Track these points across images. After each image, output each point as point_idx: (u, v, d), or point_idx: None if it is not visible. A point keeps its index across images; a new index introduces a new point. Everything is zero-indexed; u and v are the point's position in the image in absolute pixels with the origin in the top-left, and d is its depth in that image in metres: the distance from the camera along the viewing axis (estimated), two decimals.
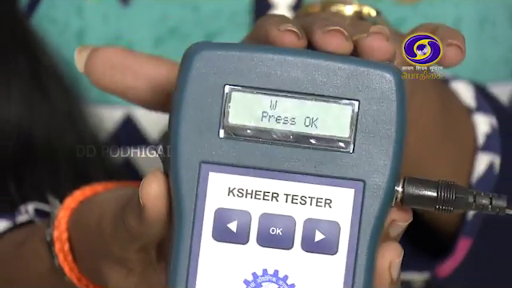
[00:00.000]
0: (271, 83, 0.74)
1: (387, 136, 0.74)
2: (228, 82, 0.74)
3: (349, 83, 0.75)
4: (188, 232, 0.73)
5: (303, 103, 0.75)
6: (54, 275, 0.95)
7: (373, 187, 0.73)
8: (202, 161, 0.73)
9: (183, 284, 0.74)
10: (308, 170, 0.74)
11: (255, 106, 0.74)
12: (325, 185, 0.74)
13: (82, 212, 0.90)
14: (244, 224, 0.72)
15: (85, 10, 1.21)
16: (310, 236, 0.72)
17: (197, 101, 0.76)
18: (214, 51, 0.76)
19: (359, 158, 0.74)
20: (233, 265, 0.75)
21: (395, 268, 0.72)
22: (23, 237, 1.03)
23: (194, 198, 0.73)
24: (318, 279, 0.74)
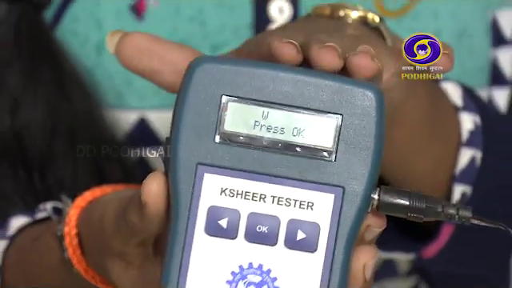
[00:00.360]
0: (264, 96, 0.79)
1: (366, 148, 0.79)
2: (225, 92, 0.79)
3: (334, 99, 0.80)
4: (183, 226, 0.77)
5: (292, 115, 0.79)
6: (63, 267, 1.00)
7: (351, 194, 0.78)
8: (199, 162, 0.77)
9: (176, 274, 0.79)
10: (293, 175, 0.79)
11: (248, 116, 0.78)
12: (308, 189, 0.78)
13: (90, 211, 0.96)
14: (233, 221, 0.76)
15: (103, 24, 1.24)
16: (293, 235, 0.76)
17: (196, 108, 0.81)
18: (214, 64, 0.81)
19: (340, 166, 0.78)
20: (222, 257, 0.79)
21: (369, 269, 0.77)
22: (39, 232, 1.07)
23: (189, 195, 0.78)
24: (298, 274, 0.79)
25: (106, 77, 1.24)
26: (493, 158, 1.22)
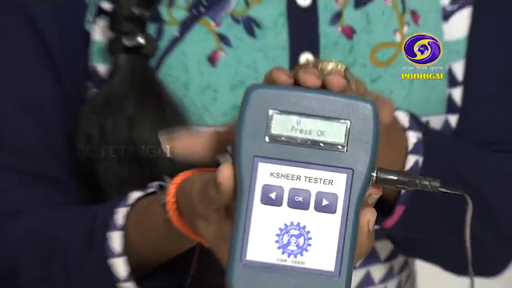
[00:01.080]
0: (297, 109, 0.92)
1: (367, 142, 0.92)
2: (271, 107, 0.92)
3: (344, 109, 0.93)
4: (245, 198, 0.90)
5: (316, 121, 0.93)
6: (166, 225, 1.13)
7: (358, 173, 0.91)
8: (255, 155, 0.90)
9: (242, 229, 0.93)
10: (318, 161, 0.92)
11: (287, 123, 0.91)
12: (329, 171, 0.92)
13: (182, 186, 1.08)
14: (279, 194, 0.89)
15: (189, 69, 1.42)
16: (319, 202, 0.90)
17: (252, 119, 0.93)
18: (263, 89, 0.94)
19: (350, 155, 0.91)
20: (272, 219, 0.92)
21: (371, 224, 0.90)
22: (149, 201, 1.20)
23: (249, 178, 0.91)
24: (323, 228, 0.94)
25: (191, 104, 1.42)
26: (431, 161, 1.34)
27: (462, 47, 1.51)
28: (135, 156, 1.40)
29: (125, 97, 1.39)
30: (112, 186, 1.37)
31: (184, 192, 1.09)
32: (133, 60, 1.40)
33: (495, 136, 1.51)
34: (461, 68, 1.50)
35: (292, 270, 0.97)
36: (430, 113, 1.47)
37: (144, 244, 1.27)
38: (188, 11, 1.39)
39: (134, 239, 1.26)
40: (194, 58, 1.41)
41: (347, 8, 1.41)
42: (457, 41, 1.51)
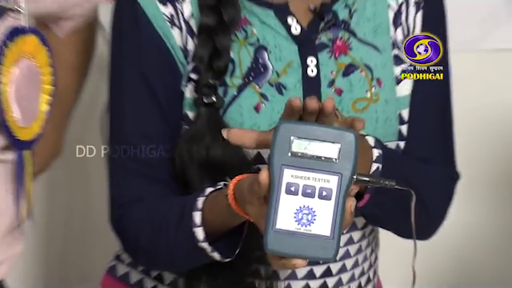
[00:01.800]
0: (308, 136, 1.02)
1: (351, 157, 1.02)
2: (292, 135, 1.02)
3: (337, 137, 1.03)
4: (275, 190, 1.01)
5: (320, 144, 1.02)
6: (227, 208, 1.18)
7: (345, 176, 1.01)
8: (282, 164, 1.01)
9: (273, 210, 1.03)
10: (321, 168, 1.01)
11: (302, 144, 1.01)
12: (327, 174, 1.01)
13: (237, 184, 1.15)
14: (296, 188, 1.00)
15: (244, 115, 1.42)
16: (321, 193, 1.00)
17: (280, 141, 1.03)
18: (287, 123, 1.04)
19: (340, 165, 1.01)
20: (292, 203, 1.01)
21: (352, 207, 1.04)
22: (217, 193, 1.25)
23: (278, 178, 1.02)
24: (323, 209, 1.02)
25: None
26: (387, 168, 1.34)
27: (407, 100, 1.47)
28: (209, 168, 1.36)
29: (204, 133, 1.37)
30: (195, 185, 1.35)
31: (238, 187, 1.16)
32: (209, 111, 1.38)
33: (425, 155, 1.49)
34: (406, 113, 1.49)
35: (304, 235, 1.04)
36: (387, 140, 1.42)
37: (214, 219, 1.25)
38: (242, 79, 1.36)
39: (208, 217, 1.26)
40: (245, 108, 1.39)
41: (338, 77, 1.40)
42: (404, 96, 1.47)
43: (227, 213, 1.18)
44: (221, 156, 1.31)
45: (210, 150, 1.30)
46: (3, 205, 1.32)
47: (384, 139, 1.35)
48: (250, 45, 1.33)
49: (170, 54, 1.33)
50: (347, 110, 1.35)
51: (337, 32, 1.34)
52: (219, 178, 1.28)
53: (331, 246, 1.01)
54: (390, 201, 1.27)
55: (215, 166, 1.31)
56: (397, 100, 1.41)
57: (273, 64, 1.33)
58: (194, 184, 1.31)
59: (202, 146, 1.30)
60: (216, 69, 1.31)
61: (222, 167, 1.31)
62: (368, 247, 1.47)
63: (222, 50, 1.30)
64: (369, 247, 1.47)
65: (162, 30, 1.32)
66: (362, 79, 1.37)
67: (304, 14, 1.33)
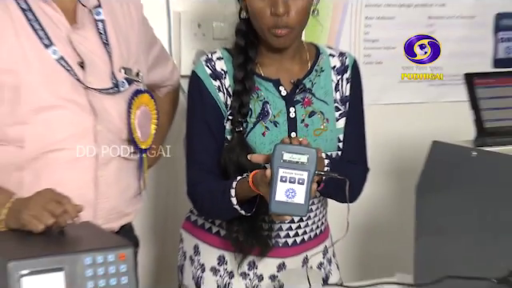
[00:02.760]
0: (291, 151, 1.13)
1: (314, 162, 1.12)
2: (283, 151, 1.12)
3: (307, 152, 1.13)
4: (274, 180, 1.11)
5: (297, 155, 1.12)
6: (248, 188, 1.27)
7: (311, 172, 1.13)
8: (278, 166, 1.12)
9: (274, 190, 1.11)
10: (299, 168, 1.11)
11: (289, 155, 1.12)
12: (302, 171, 1.11)
13: (254, 175, 1.25)
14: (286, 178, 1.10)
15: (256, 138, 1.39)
16: (299, 181, 1.12)
17: (276, 155, 1.13)
18: (280, 145, 1.15)
19: (309, 166, 1.11)
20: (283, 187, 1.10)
21: (314, 189, 1.17)
22: (243, 180, 1.31)
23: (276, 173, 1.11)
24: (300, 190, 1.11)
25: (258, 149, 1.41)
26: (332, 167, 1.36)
27: (342, 130, 1.50)
28: (238, 166, 1.39)
29: (236, 148, 1.40)
30: (231, 175, 1.38)
31: (254, 177, 1.29)
32: (238, 135, 1.42)
33: (351, 159, 1.52)
34: (341, 137, 1.49)
35: (289, 203, 1.13)
36: (332, 151, 1.48)
37: (241, 193, 1.34)
38: (255, 119, 1.43)
39: (238, 192, 1.34)
40: (257, 134, 1.44)
41: (306, 118, 1.46)
42: (340, 128, 1.50)
43: (248, 190, 1.32)
44: (244, 161, 1.36)
45: (239, 157, 1.39)
46: (132, 182, 1.44)
47: (330, 150, 1.48)
48: (260, 101, 1.42)
49: (218, 107, 1.42)
50: (311, 134, 1.46)
51: (305, 94, 1.45)
52: (243, 172, 1.38)
53: (304, 208, 1.17)
54: (333, 184, 1.34)
55: (241, 166, 1.39)
56: (336, 130, 1.49)
57: (271, 111, 1.43)
58: (230, 175, 1.40)
59: (235, 155, 1.40)
60: (242, 114, 1.41)
61: (245, 166, 1.38)
62: (322, 207, 1.55)
63: (245, 104, 1.41)
64: (322, 207, 1.56)
65: (214, 94, 1.42)
66: (319, 119, 1.47)
67: (288, 84, 1.45)
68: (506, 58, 1.94)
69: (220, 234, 1.48)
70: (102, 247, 1.00)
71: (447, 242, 1.30)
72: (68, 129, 1.30)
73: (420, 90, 2.03)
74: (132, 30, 1.44)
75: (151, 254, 1.78)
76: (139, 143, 1.39)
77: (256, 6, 1.35)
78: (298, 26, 1.38)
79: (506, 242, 1.15)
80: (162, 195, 1.78)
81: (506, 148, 1.22)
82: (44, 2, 1.28)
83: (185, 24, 1.78)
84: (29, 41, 1.27)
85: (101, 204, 1.34)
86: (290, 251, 1.49)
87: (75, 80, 1.29)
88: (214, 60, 1.43)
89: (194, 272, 1.50)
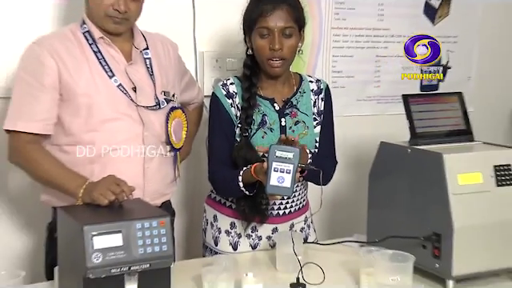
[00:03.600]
0: (282, 149, 1.11)
1: (296, 157, 1.11)
2: (276, 149, 1.10)
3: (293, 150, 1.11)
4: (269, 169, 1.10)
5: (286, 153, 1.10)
6: (250, 175, 1.25)
7: (295, 164, 1.10)
8: (272, 160, 1.11)
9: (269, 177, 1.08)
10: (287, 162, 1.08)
11: (280, 153, 1.11)
12: (289, 164, 1.09)
13: (255, 166, 1.23)
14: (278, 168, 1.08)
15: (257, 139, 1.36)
16: (287, 170, 1.09)
17: (272, 152, 1.11)
18: (275, 145, 1.13)
19: (294, 160, 1.09)
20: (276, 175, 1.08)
21: (298, 176, 1.13)
22: (248, 170, 1.27)
23: (271, 165, 1.10)
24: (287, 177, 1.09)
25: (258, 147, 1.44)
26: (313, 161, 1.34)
27: (318, 134, 1.47)
28: (244, 160, 1.35)
29: (243, 147, 1.37)
30: (239, 167, 1.34)
31: (255, 168, 1.27)
32: (245, 138, 1.38)
33: (325, 154, 1.47)
34: (317, 139, 1.46)
35: (280, 186, 1.10)
36: (310, 148, 1.44)
37: (245, 179, 1.31)
38: (257, 126, 1.39)
39: (243, 178, 1.31)
40: (258, 137, 1.40)
41: (292, 126, 1.42)
42: (317, 133, 1.47)
43: (250, 177, 1.31)
44: (249, 157, 1.34)
45: (245, 154, 1.36)
46: (169, 171, 1.43)
47: (309, 148, 1.43)
48: (260, 113, 1.39)
49: (231, 118, 1.40)
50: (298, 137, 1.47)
51: (292, 109, 1.43)
52: (248, 164, 1.33)
53: (290, 191, 1.15)
54: (312, 173, 1.31)
55: (247, 160, 1.36)
56: (314, 134, 1.47)
57: (268, 121, 1.40)
58: (239, 166, 1.36)
59: (242, 152, 1.38)
60: (247, 123, 1.39)
61: (249, 160, 1.34)
62: (303, 188, 1.51)
63: (250, 116, 1.39)
64: (304, 188, 1.51)
65: (227, 109, 1.39)
66: (301, 126, 1.44)
67: (280, 102, 1.43)
68: (429, 84, 1.97)
69: (232, 207, 1.45)
70: (148, 216, 1.00)
71: (390, 212, 1.28)
72: (124, 134, 1.29)
73: (371, 106, 2.04)
74: (170, 64, 1.43)
75: (183, 221, 1.76)
76: (174, 144, 1.38)
77: (259, 43, 1.33)
78: (288, 58, 1.36)
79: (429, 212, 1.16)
80: (190, 180, 1.75)
81: (430, 146, 1.22)
82: (108, 46, 1.29)
83: (206, 60, 1.75)
84: (98, 73, 1.27)
85: (147, 187, 1.33)
86: (281, 219, 1.45)
87: (130, 100, 1.28)
88: (228, 85, 1.41)
89: (213, 233, 1.47)
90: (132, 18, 1.26)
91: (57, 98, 1.23)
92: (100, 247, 0.91)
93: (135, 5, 1.23)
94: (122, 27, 1.25)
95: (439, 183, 1.12)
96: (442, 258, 1.11)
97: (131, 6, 1.22)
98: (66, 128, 1.26)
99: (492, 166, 1.15)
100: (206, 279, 1.08)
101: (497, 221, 1.13)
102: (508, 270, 1.17)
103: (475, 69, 2.05)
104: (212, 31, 1.74)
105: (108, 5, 1.20)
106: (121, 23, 1.23)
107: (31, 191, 1.40)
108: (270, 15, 1.29)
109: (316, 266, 1.14)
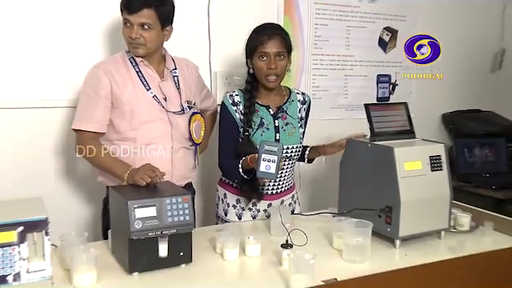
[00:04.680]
0: (269, 144, 1.08)
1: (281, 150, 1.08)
2: (265, 144, 1.07)
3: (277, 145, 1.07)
4: (260, 159, 1.07)
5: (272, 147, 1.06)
6: (248, 163, 1.21)
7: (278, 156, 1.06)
8: (262, 152, 1.07)
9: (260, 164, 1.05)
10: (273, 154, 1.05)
11: (269, 147, 1.08)
12: (274, 155, 1.05)
13: (251, 157, 1.19)
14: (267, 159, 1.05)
15: (257, 137, 1.32)
16: (272, 160, 1.05)
17: (262, 147, 1.07)
18: (265, 142, 1.09)
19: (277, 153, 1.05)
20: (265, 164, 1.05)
21: (281, 165, 1.20)
22: (245, 159, 1.24)
23: (261, 157, 1.07)
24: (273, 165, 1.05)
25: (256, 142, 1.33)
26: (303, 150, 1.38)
27: (302, 133, 1.44)
28: (245, 153, 1.30)
29: (245, 144, 1.32)
30: (241, 158, 1.30)
31: (250, 158, 1.22)
32: (246, 137, 1.35)
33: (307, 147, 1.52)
34: (302, 136, 1.43)
35: (267, 172, 1.08)
36: (296, 143, 1.39)
37: (244, 166, 1.27)
38: (256, 127, 1.35)
39: (243, 165, 1.27)
40: (258, 136, 1.36)
41: (283, 126, 1.37)
42: (302, 132, 1.44)
43: (248, 165, 1.27)
44: (250, 151, 1.28)
45: (247, 149, 1.32)
46: (191, 160, 1.40)
47: (296, 143, 1.38)
48: (258, 117, 1.36)
49: (236, 121, 1.36)
50: (287, 135, 1.37)
51: (283, 113, 1.40)
52: (247, 155, 1.29)
53: (274, 176, 1.11)
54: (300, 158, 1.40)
55: (247, 153, 1.31)
56: (299, 132, 1.42)
57: (265, 123, 1.37)
58: (240, 157, 1.31)
59: (244, 147, 1.34)
60: (248, 125, 1.35)
61: (250, 153, 1.29)
62: (291, 173, 1.44)
63: (250, 120, 1.36)
64: (291, 173, 1.44)
65: (233, 114, 1.36)
66: (290, 127, 1.40)
67: (274, 108, 1.40)
68: (383, 96, 2.01)
69: (237, 188, 1.44)
70: (175, 194, 1.00)
71: (355, 191, 1.29)
72: (158, 133, 1.29)
73: (341, 112, 2.04)
74: (192, 80, 1.42)
75: (201, 198, 1.75)
76: (195, 140, 1.37)
77: (259, 64, 1.31)
78: (281, 75, 1.35)
79: (384, 190, 1.17)
80: (206, 167, 1.72)
81: (385, 142, 1.22)
82: (147, 67, 1.29)
83: (219, 78, 1.75)
84: (139, 87, 1.28)
85: (174, 172, 1.32)
86: (274, 197, 1.44)
87: (161, 107, 1.29)
88: (234, 96, 1.38)
89: (223, 207, 1.46)
90: (148, 43, 1.25)
91: (109, 105, 1.26)
92: (140, 217, 0.93)
93: (147, 33, 1.22)
94: (141, 50, 1.24)
95: (391, 169, 1.13)
96: (392, 224, 1.13)
97: (144, 34, 1.22)
98: (115, 128, 1.28)
99: (428, 157, 1.18)
100: (218, 241, 1.09)
101: (430, 196, 1.16)
102: (436, 231, 1.20)
103: (414, 86, 2.12)
104: (223, 56, 1.74)
105: (127, 35, 1.23)
106: (138, 47, 1.24)
107: (91, 174, 1.43)
108: (267, 43, 1.30)
109: (300, 232, 1.13)
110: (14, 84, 1.43)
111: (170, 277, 0.95)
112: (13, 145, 1.44)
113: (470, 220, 1.25)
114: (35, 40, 1.44)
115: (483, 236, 1.19)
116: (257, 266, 1.01)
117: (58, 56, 1.47)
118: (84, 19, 1.48)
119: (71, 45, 1.49)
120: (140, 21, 1.20)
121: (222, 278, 0.96)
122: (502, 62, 2.17)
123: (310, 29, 1.87)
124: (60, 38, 1.47)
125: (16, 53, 1.42)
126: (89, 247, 0.93)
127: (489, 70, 2.23)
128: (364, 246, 1.04)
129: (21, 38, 1.42)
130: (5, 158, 1.43)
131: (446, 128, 2.19)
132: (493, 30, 2.16)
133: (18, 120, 1.43)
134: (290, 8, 1.75)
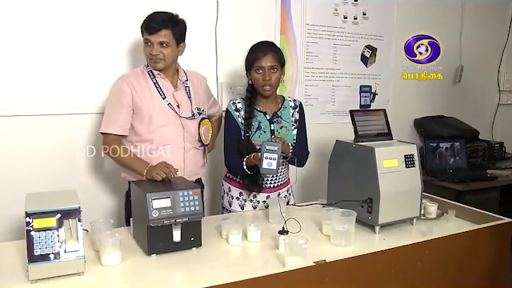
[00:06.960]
0: (270, 144, 1.07)
1: (279, 149, 1.07)
2: (266, 145, 1.00)
3: (276, 144, 1.08)
4: (262, 157, 1.06)
5: (273, 147, 1.08)
6: (251, 161, 1.22)
7: (279, 154, 1.08)
8: (264, 152, 1.07)
9: (263, 161, 1.03)
10: (274, 153, 1.04)
11: (269, 146, 1.08)
12: (275, 154, 1.05)
13: (254, 155, 1.19)
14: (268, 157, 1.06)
15: (256, 139, 1.30)
16: (273, 158, 1.06)
17: (264, 146, 1.07)
18: (266, 142, 1.09)
19: (277, 151, 1.06)
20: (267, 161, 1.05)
21: (281, 162, 1.20)
22: (249, 157, 1.23)
23: (263, 155, 1.07)
24: (273, 161, 1.05)
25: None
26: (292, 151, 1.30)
27: (295, 135, 1.42)
28: (247, 151, 1.30)
29: (246, 143, 1.32)
30: (244, 155, 1.30)
31: (253, 156, 1.22)
32: (247, 137, 1.34)
33: (301, 147, 1.42)
34: (295, 137, 1.41)
35: (269, 168, 1.07)
36: (291, 143, 1.39)
37: (248, 163, 1.27)
38: (255, 130, 1.35)
39: (247, 162, 1.27)
40: (256, 137, 1.35)
41: (278, 129, 1.38)
42: (295, 133, 1.42)
43: (251, 162, 1.28)
44: (250, 149, 1.30)
45: (248, 148, 1.32)
46: (201, 159, 1.40)
47: (290, 143, 1.38)
48: (257, 121, 1.36)
49: (238, 125, 1.36)
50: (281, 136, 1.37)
51: (278, 118, 1.39)
52: (249, 154, 1.29)
53: (275, 171, 1.11)
54: (292, 159, 1.31)
55: (249, 151, 1.31)
56: (293, 134, 1.41)
57: (262, 126, 1.36)
58: (244, 155, 1.32)
59: (245, 146, 1.33)
60: (249, 128, 1.34)
61: (250, 151, 1.30)
62: (286, 170, 1.46)
63: (250, 123, 1.35)
64: (286, 169, 1.46)
65: (236, 119, 1.36)
66: (284, 130, 1.40)
67: (270, 114, 1.39)
68: (365, 104, 2.01)
69: (240, 182, 1.43)
70: (186, 187, 1.01)
71: (341, 185, 1.29)
72: (172, 135, 1.30)
73: (329, 117, 2.05)
74: (201, 90, 1.42)
75: (209, 191, 1.74)
76: (203, 141, 1.37)
77: (256, 76, 1.32)
78: (275, 85, 1.35)
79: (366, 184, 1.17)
80: (213, 164, 1.70)
81: (367, 143, 1.23)
82: (163, 79, 1.30)
83: (224, 87, 1.76)
84: (156, 96, 1.29)
85: (186, 169, 1.33)
86: (272, 190, 1.43)
87: (175, 113, 1.30)
88: (236, 103, 1.38)
89: (228, 199, 1.46)
90: (166, 58, 1.26)
91: (131, 112, 1.27)
92: (157, 207, 0.94)
93: (165, 50, 1.24)
94: (160, 64, 1.26)
95: (372, 166, 1.15)
96: (373, 213, 1.14)
97: (163, 51, 1.24)
98: (135, 131, 1.29)
99: (403, 155, 1.20)
100: (224, 228, 1.10)
101: (405, 189, 1.18)
102: (410, 219, 1.22)
103: (391, 95, 2.17)
104: (227, 69, 1.75)
105: (148, 52, 1.24)
106: (158, 62, 1.25)
107: (116, 171, 1.44)
108: (263, 58, 1.30)
109: (295, 220, 1.14)
110: (52, 95, 1.48)
111: (183, 258, 0.96)
112: (51, 146, 1.48)
113: (436, 209, 1.28)
114: (69, 57, 1.49)
115: (447, 222, 1.23)
116: (257, 249, 1.03)
117: (88, 70, 1.52)
118: (110, 40, 1.54)
119: (99, 61, 1.54)
120: (159, 40, 1.22)
121: (227, 260, 0.97)
122: (461, 76, 2.29)
123: (302, 46, 1.92)
124: (90, 55, 1.53)
125: (55, 68, 1.47)
126: (114, 232, 0.95)
127: (451, 83, 2.34)
128: (349, 232, 1.05)
129: (57, 56, 1.47)
130: (45, 156, 1.47)
131: (417, 131, 2.27)
132: (453, 48, 2.26)
133: (55, 124, 1.48)
134: (285, 28, 1.80)
